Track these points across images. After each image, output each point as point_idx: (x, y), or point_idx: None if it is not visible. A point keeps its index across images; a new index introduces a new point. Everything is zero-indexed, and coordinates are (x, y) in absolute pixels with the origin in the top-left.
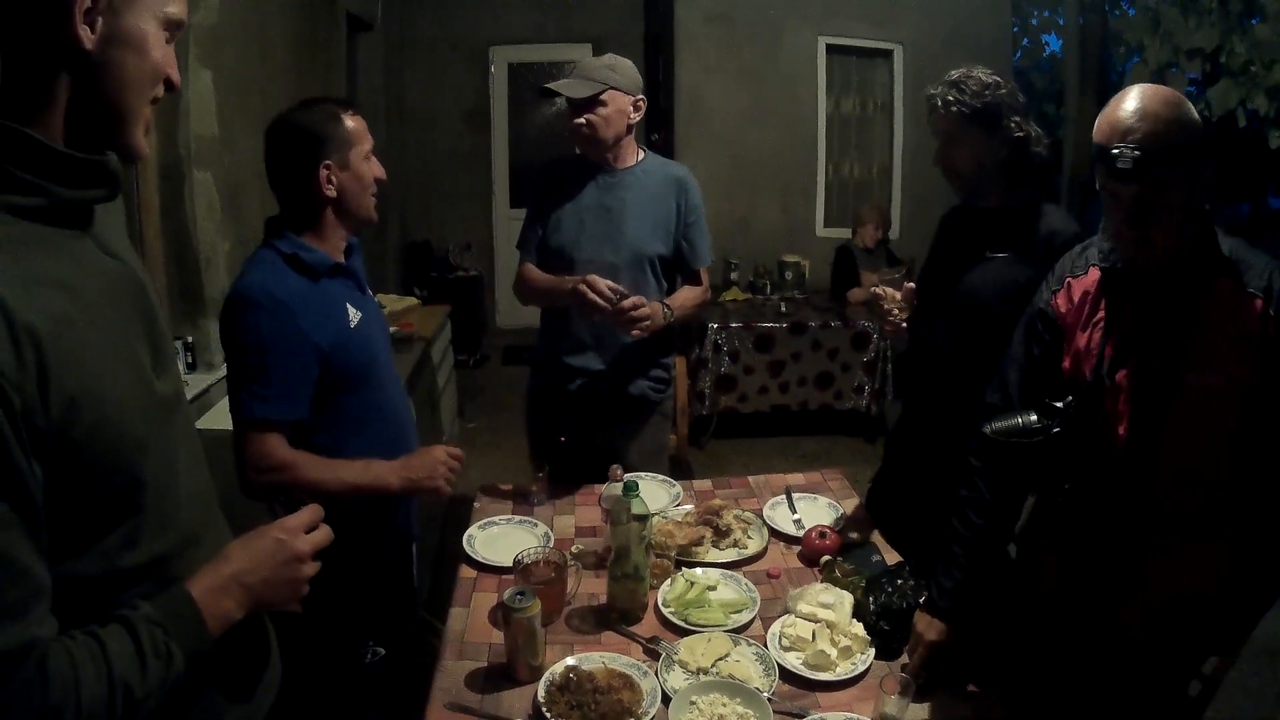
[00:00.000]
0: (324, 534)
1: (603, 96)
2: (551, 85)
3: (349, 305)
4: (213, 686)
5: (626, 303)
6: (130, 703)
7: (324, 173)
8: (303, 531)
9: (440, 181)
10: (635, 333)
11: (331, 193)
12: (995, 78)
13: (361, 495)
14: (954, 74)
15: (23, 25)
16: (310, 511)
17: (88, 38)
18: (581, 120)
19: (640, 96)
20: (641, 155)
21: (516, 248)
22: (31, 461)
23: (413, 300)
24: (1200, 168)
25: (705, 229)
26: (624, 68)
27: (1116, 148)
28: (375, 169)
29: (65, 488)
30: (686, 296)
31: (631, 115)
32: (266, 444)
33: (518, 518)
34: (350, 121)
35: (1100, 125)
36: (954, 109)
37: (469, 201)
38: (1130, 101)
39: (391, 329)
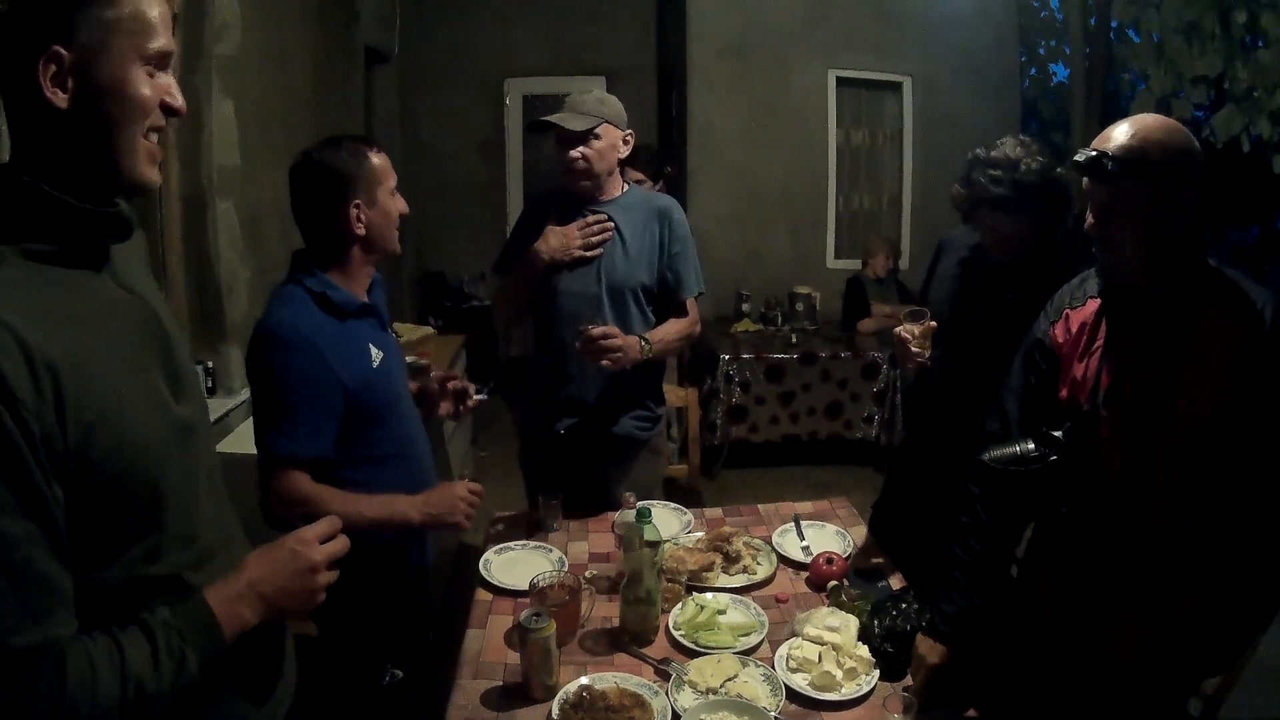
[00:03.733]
0: (340, 544)
1: (597, 130)
2: (547, 118)
3: (371, 345)
4: (231, 690)
5: (596, 331)
6: (142, 698)
7: (354, 211)
8: (318, 542)
9: (455, 213)
10: (605, 363)
11: (361, 231)
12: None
13: (384, 530)
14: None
15: (4, 90)
16: (327, 523)
17: (59, 99)
18: (576, 154)
19: (629, 131)
20: (625, 188)
21: (493, 270)
22: (52, 483)
23: (429, 330)
24: (1174, 189)
25: (693, 259)
26: (612, 102)
27: (1084, 148)
28: (399, 204)
29: (88, 505)
30: (669, 330)
31: (621, 149)
32: (291, 480)
33: (533, 543)
34: (376, 159)
35: None
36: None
37: (484, 233)
38: (1126, 121)
39: (409, 358)
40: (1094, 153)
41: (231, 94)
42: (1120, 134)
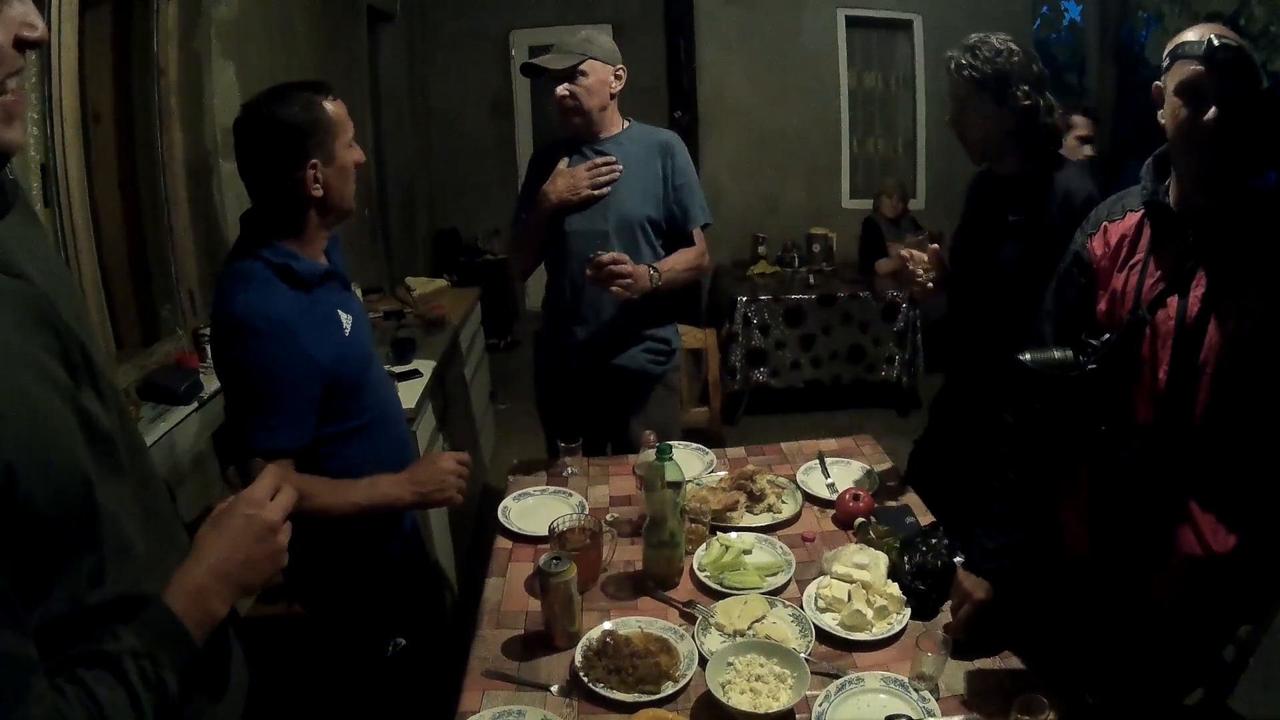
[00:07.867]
0: (289, 495)
1: (582, 67)
2: (533, 61)
3: (340, 312)
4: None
5: (605, 256)
6: None
7: (310, 173)
8: (268, 499)
9: (466, 169)
10: (615, 289)
11: (318, 193)
12: (1010, 44)
13: (374, 514)
14: (972, 38)
15: None
16: (270, 476)
17: None
18: (565, 91)
19: (620, 66)
20: (626, 124)
21: (513, 224)
22: None
23: (443, 282)
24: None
25: (697, 191)
26: (601, 40)
27: (1197, 38)
28: (356, 154)
29: (23, 539)
30: (678, 260)
31: (613, 84)
32: None
33: (552, 488)
34: (331, 107)
35: (1174, 40)
36: (965, 73)
37: (495, 188)
38: (1196, 28)
39: (423, 310)
40: (1224, 39)
41: (232, 57)
42: (1212, 31)
